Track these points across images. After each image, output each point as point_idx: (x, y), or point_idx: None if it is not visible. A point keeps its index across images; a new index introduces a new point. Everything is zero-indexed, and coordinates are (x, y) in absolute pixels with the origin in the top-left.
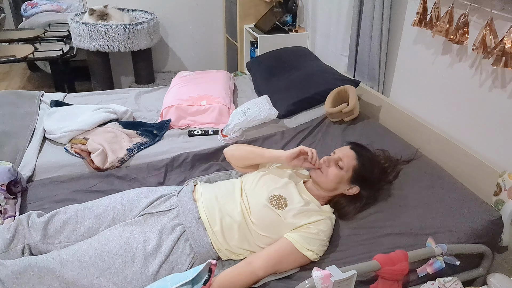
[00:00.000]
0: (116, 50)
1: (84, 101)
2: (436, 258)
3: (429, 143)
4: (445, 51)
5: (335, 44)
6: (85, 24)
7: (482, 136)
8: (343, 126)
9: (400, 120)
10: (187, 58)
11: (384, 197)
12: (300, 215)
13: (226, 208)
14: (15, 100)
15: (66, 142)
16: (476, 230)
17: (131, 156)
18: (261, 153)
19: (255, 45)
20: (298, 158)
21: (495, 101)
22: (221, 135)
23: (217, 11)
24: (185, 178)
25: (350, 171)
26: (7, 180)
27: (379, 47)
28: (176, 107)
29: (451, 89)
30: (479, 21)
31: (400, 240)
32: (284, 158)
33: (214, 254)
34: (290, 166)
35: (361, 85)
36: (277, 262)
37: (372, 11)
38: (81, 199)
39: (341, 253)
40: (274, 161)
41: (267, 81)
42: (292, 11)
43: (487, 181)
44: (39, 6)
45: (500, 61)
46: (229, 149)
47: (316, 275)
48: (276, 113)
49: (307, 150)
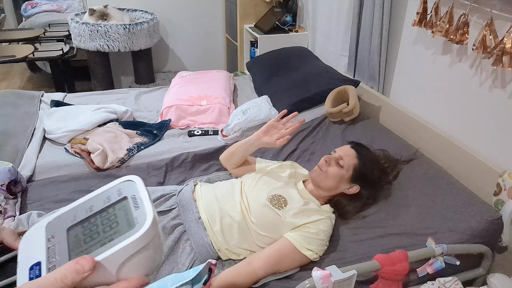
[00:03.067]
0: (116, 50)
1: (84, 101)
2: (436, 258)
3: (429, 143)
4: (445, 51)
5: (335, 44)
6: (85, 24)
7: (482, 136)
8: (343, 126)
9: (400, 120)
10: (187, 58)
11: (384, 197)
12: (300, 214)
13: (226, 208)
14: (15, 100)
15: (66, 142)
16: (476, 230)
17: (131, 156)
18: (241, 142)
19: (255, 45)
20: (270, 134)
21: (495, 101)
22: (221, 135)
23: (217, 11)
24: (185, 178)
25: (350, 170)
26: (7, 180)
27: (379, 47)
28: (176, 107)
29: (451, 89)
30: (479, 21)
31: (400, 240)
32: (255, 137)
33: (214, 254)
34: (263, 143)
35: (361, 85)
36: (277, 262)
37: (372, 11)
38: None
39: (341, 253)
40: (250, 144)
41: (267, 81)
42: (292, 11)
43: (487, 181)
44: (39, 6)
45: (500, 61)
46: (222, 154)
47: (316, 275)
48: (276, 113)
49: (277, 119)
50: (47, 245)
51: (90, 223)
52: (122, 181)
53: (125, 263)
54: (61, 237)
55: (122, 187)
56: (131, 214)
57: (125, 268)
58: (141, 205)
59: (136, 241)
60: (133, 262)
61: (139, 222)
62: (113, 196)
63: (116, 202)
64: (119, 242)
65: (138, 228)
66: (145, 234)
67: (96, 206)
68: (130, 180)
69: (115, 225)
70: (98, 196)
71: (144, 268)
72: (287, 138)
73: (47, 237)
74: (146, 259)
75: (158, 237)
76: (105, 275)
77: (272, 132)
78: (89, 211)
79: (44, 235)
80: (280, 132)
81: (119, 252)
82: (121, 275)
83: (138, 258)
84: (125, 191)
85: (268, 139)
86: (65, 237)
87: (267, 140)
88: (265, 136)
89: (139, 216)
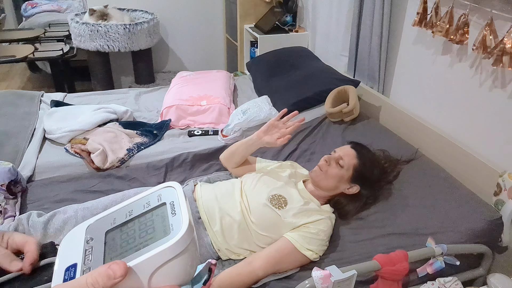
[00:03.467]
0: (116, 50)
1: (84, 101)
2: (436, 258)
3: (429, 143)
4: (445, 51)
5: (335, 44)
6: (85, 24)
7: (482, 136)
8: (343, 126)
9: (400, 120)
10: (187, 58)
11: (384, 197)
12: (300, 214)
13: (226, 208)
14: (15, 100)
15: (66, 142)
16: (476, 230)
17: (131, 156)
18: (241, 142)
19: (255, 45)
20: (270, 133)
21: (495, 101)
22: (221, 135)
23: (217, 11)
24: (185, 178)
25: (350, 170)
26: (7, 180)
27: (379, 47)
28: (176, 107)
29: (451, 89)
30: (479, 21)
31: (400, 240)
32: (256, 136)
33: (214, 254)
34: (264, 143)
35: (361, 85)
36: (277, 262)
37: (372, 11)
38: (81, 199)
39: (341, 253)
40: (250, 144)
41: (267, 81)
42: (292, 11)
43: (487, 181)
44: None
45: (500, 61)
46: (223, 153)
47: (316, 275)
48: (276, 113)
49: (277, 118)
50: (84, 247)
51: (128, 227)
52: (163, 187)
53: (157, 271)
54: (99, 239)
55: (163, 193)
56: (168, 221)
57: (157, 277)
58: (178, 212)
59: (169, 249)
60: (166, 271)
61: (174, 229)
62: (153, 201)
63: (155, 208)
64: (153, 248)
65: (173, 235)
66: (179, 242)
67: (135, 210)
68: (170, 186)
69: (151, 231)
70: (139, 201)
71: (176, 278)
72: (287, 137)
73: (86, 239)
74: (179, 268)
75: (192, 246)
76: (136, 282)
77: (273, 131)
78: (129, 215)
79: (84, 237)
80: (281, 131)
81: (151, 259)
82: (153, 283)
83: (170, 267)
84: (164, 197)
85: (268, 139)
86: (103, 240)
87: (268, 139)
88: (265, 135)
89: (175, 223)
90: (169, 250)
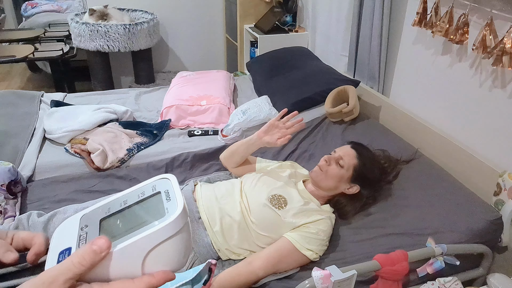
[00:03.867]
0: (116, 50)
1: (84, 101)
2: (436, 258)
3: (429, 143)
4: (445, 51)
5: (335, 44)
6: (85, 24)
7: (482, 136)
8: (343, 126)
9: (400, 120)
10: (187, 58)
11: (384, 197)
12: (300, 214)
13: (226, 208)
14: (15, 100)
15: (66, 142)
16: (476, 230)
17: (131, 156)
18: (242, 142)
19: (255, 45)
20: (271, 133)
21: (495, 101)
22: (221, 135)
23: (217, 11)
24: (185, 178)
25: (350, 169)
26: (7, 180)
27: (379, 47)
28: (176, 107)
29: (451, 89)
30: (479, 21)
31: (400, 240)
32: (256, 136)
33: (214, 254)
34: (264, 143)
35: (361, 85)
36: (277, 262)
37: (372, 11)
38: (81, 199)
39: (341, 253)
40: (250, 144)
41: (267, 81)
42: (292, 11)
43: (487, 181)
44: (39, 6)
45: (500, 61)
46: (223, 153)
47: (316, 275)
48: (276, 113)
49: (277, 118)
50: (79, 233)
51: (123, 215)
52: (157, 179)
53: (151, 253)
54: (93, 227)
55: (157, 184)
56: (162, 206)
57: (150, 260)
58: (172, 198)
59: (164, 228)
60: (160, 253)
61: (169, 212)
62: (147, 191)
63: (150, 196)
64: (148, 229)
65: (167, 217)
66: (174, 222)
67: (130, 200)
68: (165, 178)
69: (146, 215)
70: (133, 192)
71: (170, 263)
72: (288, 137)
73: (81, 226)
74: (173, 251)
75: (186, 230)
76: (130, 266)
77: (273, 131)
78: (123, 204)
79: (78, 225)
80: (281, 131)
81: (145, 238)
82: (147, 268)
83: (164, 249)
84: (159, 187)
85: (269, 139)
86: (97, 227)
87: (268, 139)
88: (266, 135)
89: (170, 207)
90: (164, 230)
